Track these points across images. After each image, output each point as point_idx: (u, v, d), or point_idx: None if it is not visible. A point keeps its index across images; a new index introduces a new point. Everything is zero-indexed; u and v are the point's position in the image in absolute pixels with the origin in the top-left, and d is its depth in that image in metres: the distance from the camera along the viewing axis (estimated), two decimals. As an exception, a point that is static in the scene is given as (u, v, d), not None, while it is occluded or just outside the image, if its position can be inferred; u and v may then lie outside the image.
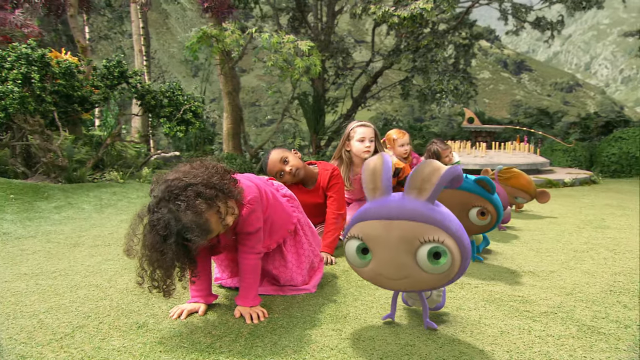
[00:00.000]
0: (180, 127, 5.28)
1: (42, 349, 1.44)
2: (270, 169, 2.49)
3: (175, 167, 1.57)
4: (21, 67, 4.43)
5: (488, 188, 2.26)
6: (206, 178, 1.48)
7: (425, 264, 1.35)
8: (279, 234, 1.92)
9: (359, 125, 3.04)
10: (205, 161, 1.58)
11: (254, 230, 1.73)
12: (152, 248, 1.44)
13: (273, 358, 1.40)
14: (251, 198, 1.69)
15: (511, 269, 2.36)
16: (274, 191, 1.97)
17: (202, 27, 7.00)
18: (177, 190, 1.43)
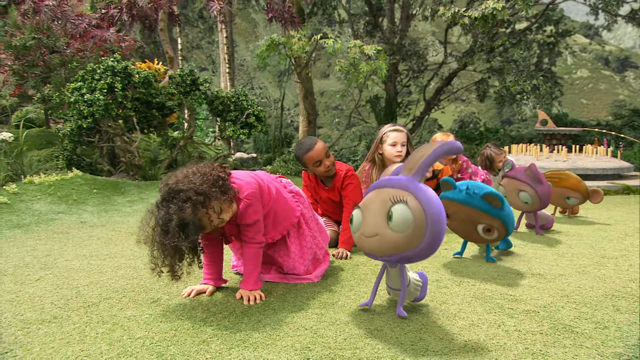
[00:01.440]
0: (244, 130, 5.68)
1: (71, 312, 1.78)
2: (313, 155, 2.66)
3: (178, 171, 1.82)
4: (107, 78, 5.04)
5: (496, 203, 2.30)
6: (197, 185, 1.70)
7: (391, 221, 1.52)
8: (282, 226, 2.12)
9: (391, 130, 3.17)
10: (201, 167, 1.81)
11: (252, 222, 1.95)
12: (158, 239, 1.71)
13: (251, 332, 1.61)
14: (248, 194, 1.91)
15: (520, 270, 2.37)
16: (280, 187, 2.18)
17: (272, 36, 7.41)
18: (173, 194, 1.69)
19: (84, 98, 4.89)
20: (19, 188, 4.19)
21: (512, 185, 3.32)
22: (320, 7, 14.57)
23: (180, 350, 1.47)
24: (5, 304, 1.88)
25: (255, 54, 7.62)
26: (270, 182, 2.11)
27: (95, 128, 5.46)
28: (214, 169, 1.82)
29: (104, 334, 1.58)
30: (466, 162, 4.22)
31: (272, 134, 17.96)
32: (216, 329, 1.64)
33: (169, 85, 5.85)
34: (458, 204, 2.38)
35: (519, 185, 3.21)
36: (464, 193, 2.35)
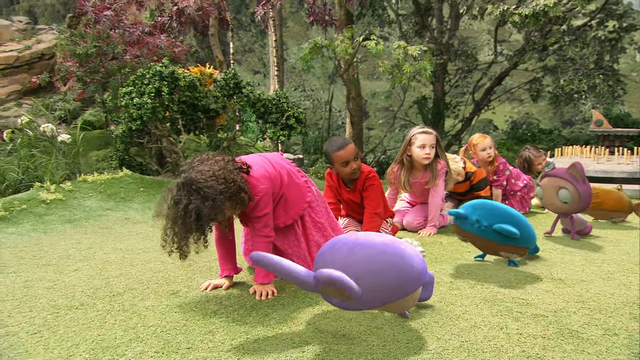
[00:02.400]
0: (284, 132, 5.81)
1: (97, 301, 1.93)
2: (342, 155, 2.70)
3: (205, 159, 1.91)
4: (155, 82, 5.31)
5: (509, 235, 2.30)
6: (220, 187, 1.77)
7: None
8: (293, 210, 2.17)
9: (420, 132, 3.19)
10: (224, 165, 1.89)
11: (261, 215, 2.02)
12: (171, 219, 1.82)
13: (256, 325, 1.70)
14: (260, 189, 1.99)
15: (540, 275, 2.32)
16: (294, 171, 2.24)
17: (316, 39, 7.52)
18: (195, 186, 1.78)
19: (133, 102, 5.19)
20: (74, 186, 4.50)
21: (551, 183, 3.20)
22: (370, 8, 14.57)
23: (187, 339, 1.57)
24: (44, 290, 2.07)
25: (299, 56, 7.76)
26: (282, 167, 2.16)
27: (144, 130, 5.76)
28: (234, 170, 1.90)
29: (122, 321, 1.72)
30: (503, 164, 4.13)
31: (320, 135, 18.10)
32: (224, 321, 1.74)
33: (214, 89, 6.07)
34: (473, 235, 2.38)
35: (559, 183, 3.09)
36: (475, 227, 2.33)
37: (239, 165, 1.95)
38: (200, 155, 1.95)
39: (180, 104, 5.70)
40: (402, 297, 1.53)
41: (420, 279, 1.55)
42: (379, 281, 1.48)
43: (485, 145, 4.03)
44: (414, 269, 1.53)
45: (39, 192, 4.17)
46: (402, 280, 1.51)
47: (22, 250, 2.83)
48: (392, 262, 1.50)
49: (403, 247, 1.56)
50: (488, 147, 4.02)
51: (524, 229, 2.31)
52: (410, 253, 1.56)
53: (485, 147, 4.02)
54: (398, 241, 1.59)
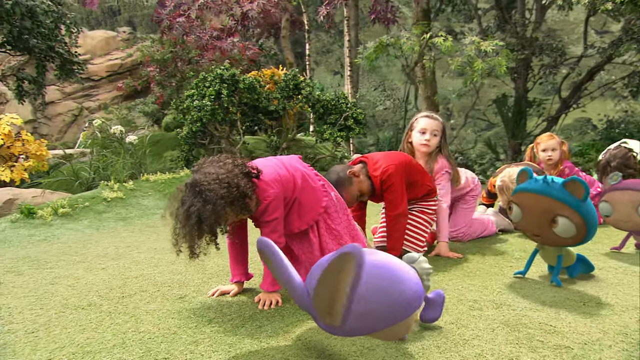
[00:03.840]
0: (341, 133, 5.72)
1: (105, 302, 1.97)
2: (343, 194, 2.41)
3: (215, 162, 1.87)
4: (216, 85, 5.46)
5: (579, 192, 2.01)
6: (223, 191, 1.73)
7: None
8: (309, 216, 2.07)
9: (423, 116, 2.87)
10: (229, 166, 1.86)
11: (270, 219, 1.94)
12: (178, 220, 1.80)
13: (244, 338, 1.63)
14: (270, 193, 1.92)
15: (586, 297, 2.03)
16: (311, 174, 2.13)
17: (381, 38, 7.34)
18: (199, 189, 1.75)
19: (194, 104, 5.37)
20: (136, 185, 4.74)
21: (625, 197, 2.81)
22: (450, 3, 14.03)
23: (169, 348, 1.54)
24: (64, 288, 2.16)
25: (364, 55, 7.63)
26: (296, 170, 2.07)
27: (206, 131, 5.95)
28: (239, 174, 1.85)
29: (117, 325, 1.73)
30: (570, 168, 3.73)
31: (395, 135, 17.74)
32: (215, 331, 1.69)
33: (275, 90, 6.13)
34: (533, 194, 2.12)
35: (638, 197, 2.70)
36: (540, 182, 2.09)
37: (248, 170, 1.90)
38: (212, 157, 1.93)
39: (241, 105, 5.82)
40: (390, 325, 1.38)
41: (411, 305, 1.39)
42: (363, 307, 1.35)
43: (547, 145, 3.66)
44: (405, 294, 1.37)
45: (103, 190, 4.43)
46: (389, 306, 1.36)
47: (69, 246, 3.00)
48: (378, 286, 1.36)
49: (395, 269, 1.41)
50: (550, 149, 3.64)
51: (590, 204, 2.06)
52: (402, 276, 1.41)
53: (547, 148, 3.66)
54: (392, 261, 1.44)
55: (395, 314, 1.37)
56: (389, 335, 1.43)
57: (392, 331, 1.40)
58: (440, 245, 2.80)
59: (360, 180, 2.52)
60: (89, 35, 20.11)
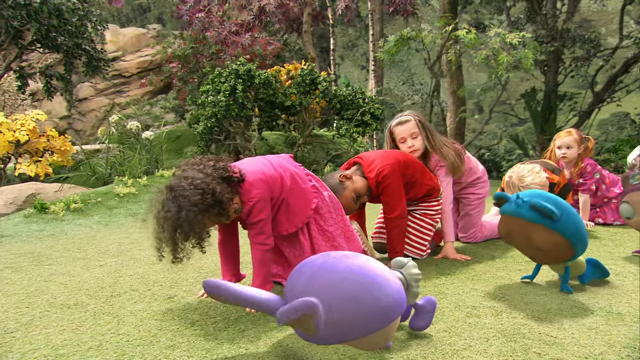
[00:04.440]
0: (358, 128, 5.61)
1: (93, 301, 1.95)
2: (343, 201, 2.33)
3: (191, 163, 1.82)
4: (231, 80, 5.43)
5: (545, 213, 1.88)
6: (188, 196, 1.68)
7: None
8: (297, 218, 2.00)
9: (395, 125, 2.70)
10: (208, 169, 1.79)
11: (255, 221, 1.88)
12: (159, 224, 1.76)
13: (223, 343, 1.57)
14: (254, 194, 1.86)
15: (595, 306, 1.89)
16: (301, 175, 2.05)
17: (402, 31, 7.17)
18: (173, 192, 1.71)
19: (208, 100, 5.35)
20: (149, 180, 4.76)
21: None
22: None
23: (144, 352, 1.50)
24: (56, 285, 2.15)
25: (385, 49, 7.48)
26: (285, 170, 2.00)
27: (222, 127, 5.93)
28: (217, 179, 1.78)
29: (97, 326, 1.70)
30: (592, 165, 3.54)
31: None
32: (195, 334, 1.63)
33: (292, 86, 6.06)
34: (509, 217, 2.01)
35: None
36: (512, 205, 1.97)
37: (228, 175, 1.82)
38: (194, 159, 1.88)
39: (257, 101, 5.78)
40: (365, 334, 1.29)
41: (389, 314, 1.30)
42: (335, 315, 1.27)
43: (562, 142, 3.48)
44: (381, 302, 1.28)
45: (116, 186, 4.46)
46: (363, 314, 1.27)
47: (74, 242, 3.01)
48: (352, 292, 1.28)
49: (373, 274, 1.33)
50: (565, 146, 3.46)
51: (569, 216, 1.90)
52: (381, 282, 1.32)
53: (562, 145, 3.47)
54: (371, 266, 1.35)
55: (370, 323, 1.28)
56: (366, 345, 1.34)
57: (368, 341, 1.32)
58: (447, 246, 2.68)
59: (354, 181, 2.39)
60: (120, 33, 20.50)
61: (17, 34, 9.09)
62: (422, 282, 2.20)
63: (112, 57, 19.08)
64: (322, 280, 1.30)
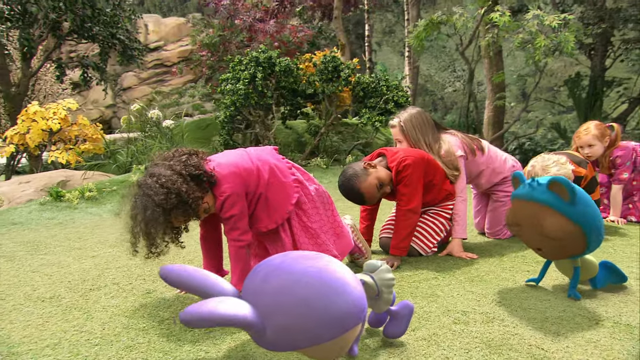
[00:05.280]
0: (380, 117, 5.42)
1: (71, 294, 1.91)
2: (365, 196, 2.30)
3: (162, 158, 1.75)
4: (251, 68, 5.36)
5: (564, 194, 1.69)
6: (152, 195, 1.61)
7: None
8: (277, 214, 1.90)
9: (390, 126, 2.68)
10: (178, 166, 1.70)
11: (228, 216, 1.79)
12: (131, 220, 1.70)
13: (183, 344, 1.49)
14: (224, 188, 1.77)
15: (603, 314, 1.69)
16: (283, 169, 1.93)
17: (432, 15, 6.87)
18: (141, 190, 1.65)
19: (227, 88, 5.30)
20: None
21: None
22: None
23: (99, 352, 1.44)
24: (41, 277, 2.13)
25: (414, 34, 7.20)
26: (265, 163, 1.89)
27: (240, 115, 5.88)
28: (185, 177, 1.69)
29: (64, 322, 1.65)
30: (622, 157, 3.22)
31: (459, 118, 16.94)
32: (159, 334, 1.56)
33: (315, 73, 5.93)
34: (521, 201, 1.82)
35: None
36: (527, 187, 1.80)
37: (198, 173, 1.72)
38: (168, 152, 1.80)
39: (279, 89, 5.68)
40: (316, 343, 1.18)
41: (343, 322, 1.18)
42: (285, 320, 1.16)
43: (581, 142, 3.18)
44: (335, 308, 1.16)
45: (134, 174, 4.49)
46: (314, 321, 1.15)
47: (78, 231, 3.02)
48: (303, 296, 1.16)
49: (331, 278, 1.21)
50: (586, 146, 3.17)
51: (587, 205, 1.72)
52: (338, 288, 1.19)
53: (583, 145, 3.18)
54: (330, 269, 1.23)
55: (322, 331, 1.16)
56: (320, 355, 1.23)
57: (322, 350, 1.20)
58: (453, 243, 2.51)
59: (378, 170, 2.34)
60: (162, 22, 20.86)
61: (56, 25, 9.35)
62: (416, 282, 2.06)
63: (155, 46, 19.50)
64: (275, 281, 1.20)
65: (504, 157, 2.83)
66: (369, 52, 16.21)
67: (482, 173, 2.76)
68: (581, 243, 1.75)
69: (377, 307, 1.46)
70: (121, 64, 10.28)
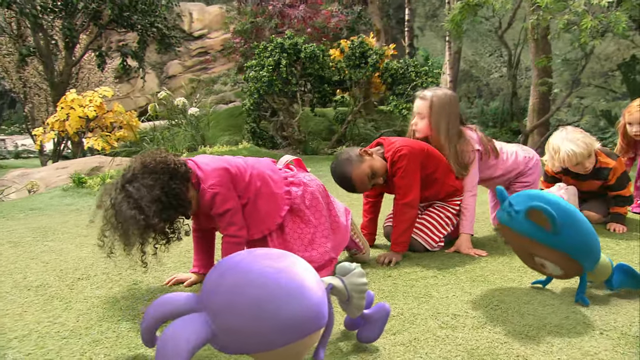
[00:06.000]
0: (408, 104, 5.22)
1: (58, 283, 1.92)
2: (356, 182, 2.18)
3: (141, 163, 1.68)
4: (275, 55, 5.28)
5: (544, 223, 1.52)
6: (126, 214, 1.55)
7: None
8: (264, 225, 1.86)
9: (417, 98, 2.43)
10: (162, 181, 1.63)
11: (222, 211, 1.75)
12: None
13: (152, 339, 1.45)
14: (212, 184, 1.73)
15: (608, 324, 1.52)
16: (277, 180, 1.90)
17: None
18: (125, 195, 1.60)
19: (250, 75, 5.25)
20: (189, 156, 4.78)
21: None
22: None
23: (64, 346, 1.41)
24: (38, 264, 2.15)
25: (448, 18, 6.88)
26: (259, 172, 1.86)
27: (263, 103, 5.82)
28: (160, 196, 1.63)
29: (42, 312, 1.65)
30: None
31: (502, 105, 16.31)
32: (130, 328, 1.53)
33: (343, 59, 5.79)
34: (505, 227, 1.67)
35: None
36: (505, 214, 1.63)
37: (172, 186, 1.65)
38: (147, 157, 1.70)
39: (306, 76, 5.59)
40: (268, 348, 1.10)
41: (298, 328, 1.09)
42: (235, 321, 1.08)
43: (632, 119, 2.91)
44: (289, 313, 1.08)
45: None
46: (265, 325, 1.07)
47: (87, 219, 3.05)
48: (255, 298, 1.08)
49: (289, 280, 1.12)
50: (636, 123, 2.90)
51: (571, 227, 1.54)
52: (295, 291, 1.11)
53: (632, 122, 2.92)
54: (291, 271, 1.14)
55: (273, 337, 1.08)
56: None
57: (274, 356, 1.12)
58: (461, 239, 2.36)
59: (374, 159, 2.22)
60: (206, 11, 21.10)
61: (96, 14, 9.59)
62: (413, 280, 1.94)
63: (199, 34, 19.79)
64: (230, 279, 1.13)
65: (514, 153, 2.62)
66: (409, 37, 15.77)
67: (494, 178, 2.59)
68: (574, 266, 1.59)
69: (349, 311, 1.36)
70: (159, 52, 10.46)
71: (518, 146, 2.72)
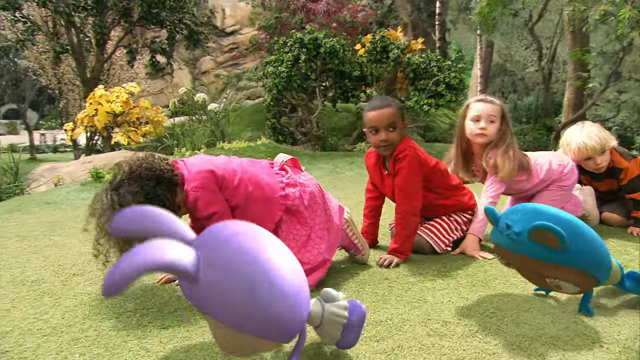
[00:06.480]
0: (430, 100, 5.09)
1: (53, 278, 1.93)
2: (372, 119, 2.06)
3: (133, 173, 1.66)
4: (295, 50, 5.24)
5: (552, 242, 1.41)
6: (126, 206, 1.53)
7: None
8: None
9: (476, 101, 2.28)
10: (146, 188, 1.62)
11: (207, 215, 1.72)
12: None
13: (132, 340, 1.43)
14: (193, 186, 1.69)
15: (610, 337, 1.41)
16: (272, 185, 1.84)
17: (497, -13, 6.32)
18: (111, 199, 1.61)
19: (269, 70, 5.22)
20: (208, 152, 4.81)
21: None
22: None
23: (41, 344, 1.41)
24: (38, 259, 2.18)
25: (476, 11, 6.70)
26: (251, 176, 1.81)
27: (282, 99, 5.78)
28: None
29: (30, 308, 1.66)
30: None
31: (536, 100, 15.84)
32: (112, 327, 1.52)
33: (364, 54, 5.70)
34: (508, 251, 1.57)
35: None
36: (504, 236, 1.52)
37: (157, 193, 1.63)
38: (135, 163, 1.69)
39: (326, 71, 5.53)
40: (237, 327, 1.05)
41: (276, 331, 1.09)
42: (222, 279, 1.04)
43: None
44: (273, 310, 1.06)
45: (175, 156, 4.57)
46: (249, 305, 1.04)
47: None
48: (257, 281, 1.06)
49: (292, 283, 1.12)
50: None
51: (579, 241, 1.43)
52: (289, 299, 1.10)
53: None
54: (299, 277, 1.16)
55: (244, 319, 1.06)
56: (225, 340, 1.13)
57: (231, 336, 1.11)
58: (468, 239, 2.26)
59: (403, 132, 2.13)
60: (238, 7, 21.29)
61: (126, 11, 9.77)
62: (409, 283, 1.87)
63: (231, 30, 19.99)
64: (239, 245, 1.10)
65: (547, 163, 2.43)
66: (440, 30, 15.47)
67: (523, 192, 2.48)
68: (589, 280, 1.48)
69: (321, 337, 1.30)
70: (187, 48, 10.59)
71: (552, 154, 2.55)
